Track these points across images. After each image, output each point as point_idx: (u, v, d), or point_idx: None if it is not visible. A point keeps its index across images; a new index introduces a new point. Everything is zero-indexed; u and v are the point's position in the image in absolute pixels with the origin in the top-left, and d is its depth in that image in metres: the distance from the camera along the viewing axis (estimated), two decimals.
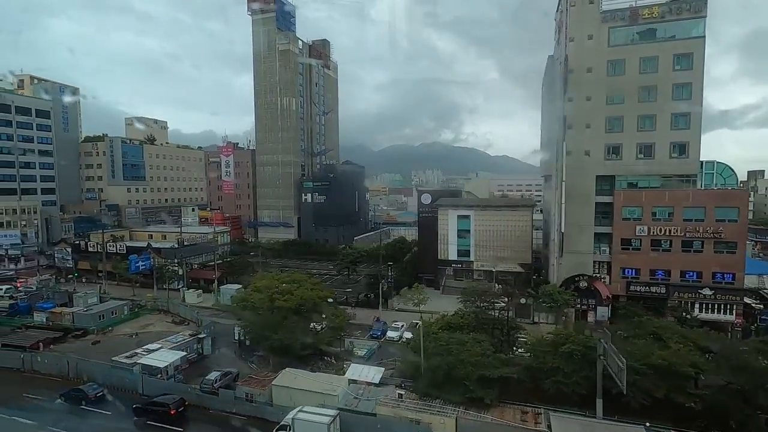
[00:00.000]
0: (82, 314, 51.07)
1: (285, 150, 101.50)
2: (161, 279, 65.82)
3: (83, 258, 77.30)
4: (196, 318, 53.46)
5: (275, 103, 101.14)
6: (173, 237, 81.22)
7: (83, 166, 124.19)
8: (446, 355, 30.03)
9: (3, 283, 77.39)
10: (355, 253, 76.08)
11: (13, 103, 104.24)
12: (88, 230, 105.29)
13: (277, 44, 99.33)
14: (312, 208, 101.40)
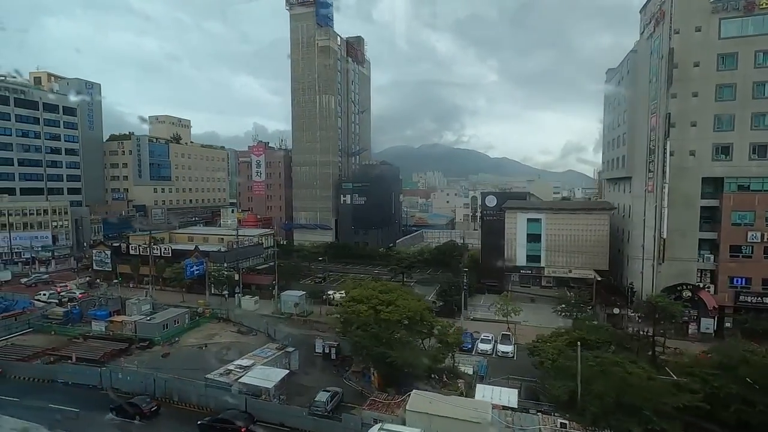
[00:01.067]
0: (146, 324, 47.47)
1: (323, 150, 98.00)
2: (217, 285, 62.28)
3: (123, 261, 73.67)
4: (264, 327, 49.97)
5: (313, 102, 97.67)
6: (215, 239, 77.78)
7: (107, 165, 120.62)
8: (606, 379, 26.59)
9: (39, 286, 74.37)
10: (411, 258, 72.56)
11: (40, 99, 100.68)
12: (118, 232, 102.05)
13: (317, 40, 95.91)
14: (351, 210, 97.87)
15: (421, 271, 76.36)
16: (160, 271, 70.17)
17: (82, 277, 75.88)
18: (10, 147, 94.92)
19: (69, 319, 51.53)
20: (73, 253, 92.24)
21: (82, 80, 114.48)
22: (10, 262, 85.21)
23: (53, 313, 51.75)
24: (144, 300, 56.24)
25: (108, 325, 48.60)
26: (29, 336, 49.45)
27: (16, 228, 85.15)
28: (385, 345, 32.50)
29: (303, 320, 54.73)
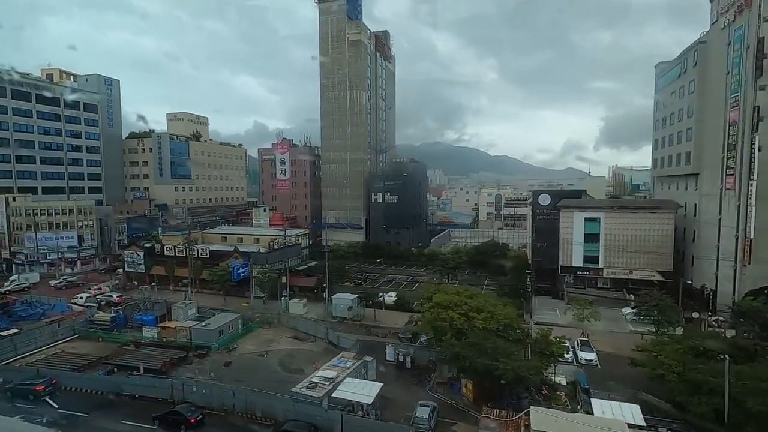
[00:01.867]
0: (202, 330, 44.84)
1: (354, 147, 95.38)
2: (262, 288, 59.70)
3: (158, 262, 71.05)
4: (324, 333, 47.37)
5: (343, 98, 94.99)
6: (250, 240, 75.20)
7: (127, 163, 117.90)
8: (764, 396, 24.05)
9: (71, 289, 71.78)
10: (456, 258, 69.98)
11: (61, 96, 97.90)
12: (142, 232, 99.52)
13: (347, 34, 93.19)
14: (383, 209, 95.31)
15: (460, 272, 73.81)
16: (197, 273, 67.66)
17: (112, 278, 73.22)
18: (32, 145, 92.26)
19: (116, 324, 48.87)
20: (98, 253, 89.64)
21: (102, 76, 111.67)
22: (35, 263, 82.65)
23: (100, 318, 49.08)
24: (189, 304, 53.65)
25: (160, 331, 45.99)
26: (75, 343, 46.90)
27: (41, 228, 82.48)
28: (489, 355, 29.92)
29: (358, 325, 52.16)
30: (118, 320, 49.23)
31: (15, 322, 53.07)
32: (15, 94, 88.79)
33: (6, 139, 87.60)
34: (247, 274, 59.55)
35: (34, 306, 58.09)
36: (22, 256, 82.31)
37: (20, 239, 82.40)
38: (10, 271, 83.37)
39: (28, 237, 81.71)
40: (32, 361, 41.71)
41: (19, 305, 59.05)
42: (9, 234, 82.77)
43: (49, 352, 44.24)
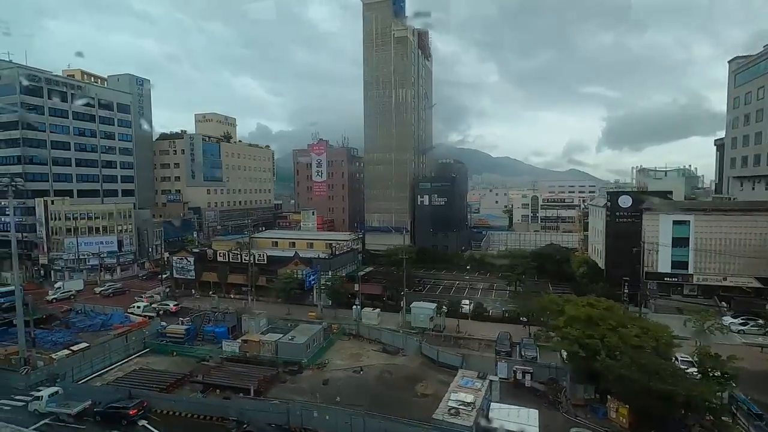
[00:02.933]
0: (289, 344, 41.36)
1: (400, 147, 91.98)
2: (332, 295, 56.25)
3: (208, 268, 67.66)
4: (415, 346, 43.81)
5: (389, 96, 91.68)
6: (303, 244, 71.87)
7: (157, 165, 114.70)
8: None
9: (117, 295, 68.57)
10: (525, 263, 66.42)
11: (96, 96, 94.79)
12: (178, 236, 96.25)
13: (393, 30, 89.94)
14: (429, 212, 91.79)
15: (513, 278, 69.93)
16: (254, 280, 64.29)
17: (163, 285, 69.81)
18: (67, 146, 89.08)
19: (189, 337, 45.43)
20: (137, 259, 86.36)
21: (133, 76, 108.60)
22: (75, 270, 79.38)
23: (173, 330, 45.60)
24: (259, 315, 50.20)
25: (241, 345, 42.50)
26: (149, 358, 43.47)
27: (80, 232, 79.25)
28: (660, 378, 26.37)
29: (443, 336, 48.65)
30: (190, 333, 45.76)
31: (74, 334, 49.85)
32: (52, 94, 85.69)
33: (42, 140, 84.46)
34: (315, 280, 55.99)
35: (91, 316, 54.79)
36: (62, 262, 79.04)
37: (59, 244, 79.18)
38: (48, 277, 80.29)
39: (68, 242, 78.46)
40: (112, 379, 38.31)
41: (73, 315, 55.84)
42: (48, 239, 79.60)
43: (125, 368, 40.86)
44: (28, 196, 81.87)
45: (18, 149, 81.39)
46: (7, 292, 63.06)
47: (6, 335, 48.27)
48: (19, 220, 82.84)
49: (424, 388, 36.55)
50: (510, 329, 48.67)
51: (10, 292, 63.07)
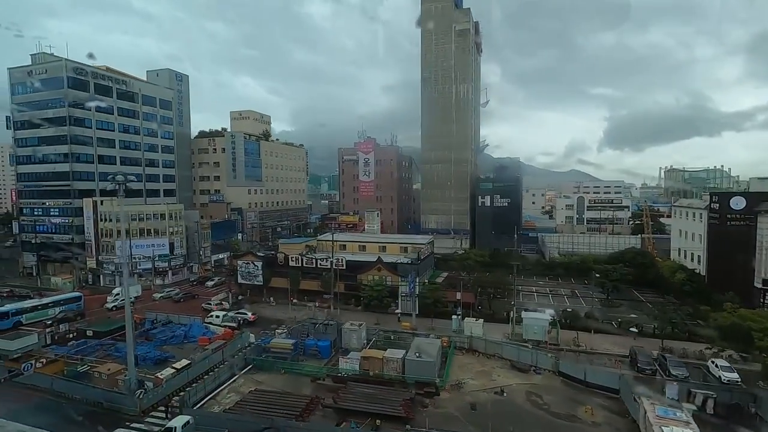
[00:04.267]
0: (417, 362, 36.98)
1: (460, 145, 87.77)
2: (431, 304, 51.93)
3: (278, 274, 63.35)
4: (552, 364, 39.44)
5: (448, 92, 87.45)
6: (374, 248, 67.62)
7: (196, 164, 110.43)
8: None
9: (186, 301, 64.38)
10: (620, 269, 62.05)
11: (139, 91, 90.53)
12: (224, 238, 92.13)
13: (454, 23, 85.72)
14: (491, 213, 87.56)
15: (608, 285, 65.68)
16: (326, 286, 60.04)
17: (230, 292, 65.50)
18: (112, 144, 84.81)
19: (296, 352, 41.08)
20: (187, 262, 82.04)
21: (173, 71, 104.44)
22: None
23: (279, 345, 41.21)
24: (358, 326, 45.87)
25: (362, 362, 38.16)
26: (255, 376, 39.07)
27: (132, 234, 74.89)
28: None
29: (564, 351, 44.36)
30: (298, 347, 41.43)
31: (157, 347, 45.54)
32: (97, 89, 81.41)
33: (88, 137, 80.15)
34: (412, 288, 51.63)
35: (171, 327, 50.46)
36: (112, 266, 74.73)
37: (109, 247, 74.89)
38: (97, 281, 76.04)
39: (119, 245, 74.07)
40: (229, 402, 33.92)
41: (148, 324, 51.52)
42: (96, 241, 75.30)
43: (236, 388, 36.53)
44: (75, 195, 77.76)
45: (65, 146, 77.05)
46: (72, 298, 58.94)
47: (82, 348, 44.06)
48: (65, 221, 78.78)
49: (589, 414, 32.25)
50: (624, 342, 44.85)
51: (74, 298, 59.10)
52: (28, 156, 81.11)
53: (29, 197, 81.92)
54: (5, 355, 38.99)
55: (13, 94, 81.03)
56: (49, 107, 77.85)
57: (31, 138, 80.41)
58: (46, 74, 77.88)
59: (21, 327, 52.23)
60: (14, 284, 75.84)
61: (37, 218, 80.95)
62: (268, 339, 42.28)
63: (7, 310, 52.70)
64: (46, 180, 79.72)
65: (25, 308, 54.22)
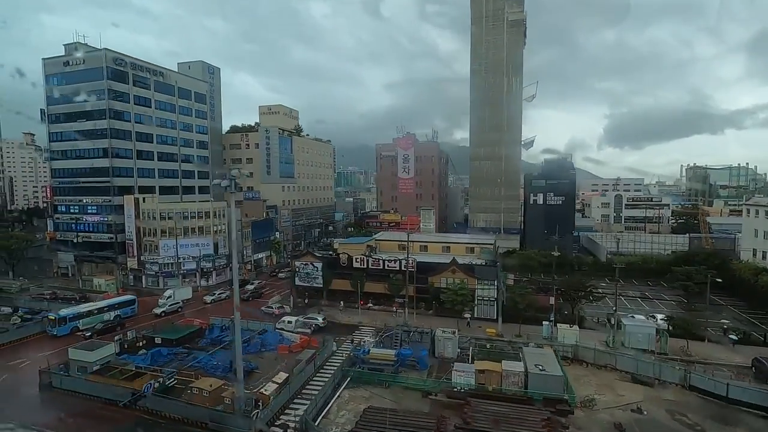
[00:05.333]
0: (543, 375, 33.65)
1: (511, 141, 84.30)
2: (524, 309, 48.61)
3: (340, 275, 59.92)
4: (681, 377, 36.13)
5: (499, 85, 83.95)
6: (437, 248, 64.27)
7: (227, 160, 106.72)
8: None
9: (249, 302, 60.74)
10: (704, 271, 58.61)
11: (176, 83, 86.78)
12: (263, 237, 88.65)
13: (507, 13, 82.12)
14: (543, 211, 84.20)
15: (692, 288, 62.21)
16: (394, 289, 56.70)
17: (294, 297, 62.18)
18: (150, 138, 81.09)
19: (399, 363, 37.70)
20: (230, 262, 78.41)
21: (206, 63, 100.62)
22: (170, 275, 71.63)
23: (380, 356, 37.79)
24: (456, 334, 42.53)
25: (477, 375, 34.79)
26: (357, 391, 35.63)
27: (175, 234, 71.40)
28: None
29: (666, 359, 41.04)
30: (401, 358, 38.04)
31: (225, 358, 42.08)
32: (136, 81, 77.64)
33: (127, 131, 76.44)
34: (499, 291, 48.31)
35: (242, 334, 46.87)
36: (156, 267, 71.19)
37: (152, 247, 71.34)
38: (139, 282, 72.52)
39: (164, 244, 70.61)
40: (345, 423, 30.53)
41: (216, 331, 48.06)
42: (139, 241, 71.74)
43: (343, 405, 33.14)
44: (114, 193, 74.11)
45: (104, 140, 73.33)
46: (126, 302, 55.48)
47: (158, 359, 40.61)
48: (103, 219, 75.20)
49: None
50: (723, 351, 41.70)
51: (128, 302, 55.67)
52: (63, 151, 77.40)
53: (64, 194, 78.24)
54: (83, 368, 35.63)
55: (48, 85, 77.25)
56: (87, 99, 74.08)
57: (66, 132, 76.62)
58: (83, 65, 74.08)
59: (77, 332, 48.97)
60: (53, 285, 72.40)
61: (73, 216, 77.38)
62: (365, 349, 38.77)
63: (65, 315, 49.21)
64: (83, 176, 76.05)
65: (81, 313, 50.75)
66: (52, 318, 48.83)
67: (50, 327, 48.57)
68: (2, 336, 46.10)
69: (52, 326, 48.44)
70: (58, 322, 48.37)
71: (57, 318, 48.60)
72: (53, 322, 48.52)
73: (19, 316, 54.49)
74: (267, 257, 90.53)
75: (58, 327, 48.30)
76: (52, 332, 48.16)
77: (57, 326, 48.28)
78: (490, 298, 52.97)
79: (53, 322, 48.54)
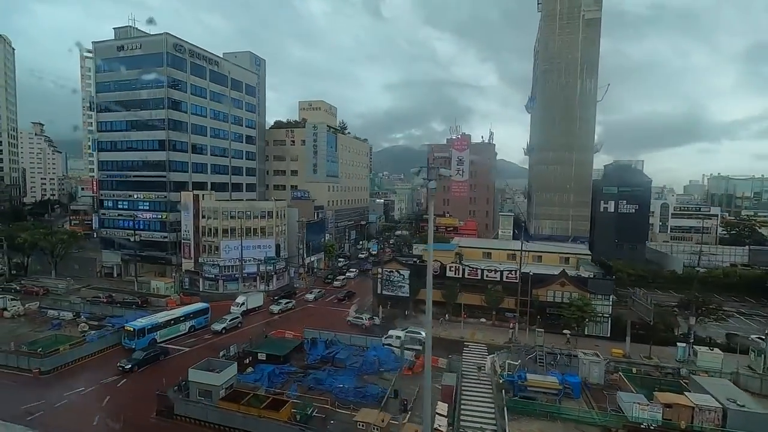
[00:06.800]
0: (742, 412, 29.42)
1: (582, 146, 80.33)
2: (662, 330, 44.49)
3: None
4: None
5: (571, 86, 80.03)
6: (529, 257, 59.87)
7: (270, 157, 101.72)
8: None
9: (333, 308, 56.01)
10: None
11: (229, 74, 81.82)
12: (316, 239, 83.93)
13: (583, 11, 78.30)
14: (615, 220, 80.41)
15: None
16: (492, 302, 52.42)
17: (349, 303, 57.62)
18: (204, 131, 76.09)
19: (563, 393, 33.28)
20: (288, 266, 73.63)
21: (253, 54, 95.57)
22: (230, 279, 66.61)
23: (542, 384, 33.31)
24: (601, 357, 38.29)
25: (665, 410, 30.49)
26: (521, 423, 31.20)
27: (237, 234, 66.43)
28: None
29: None
30: (573, 385, 33.60)
31: (356, 377, 37.51)
32: (193, 69, 72.62)
33: (183, 122, 71.34)
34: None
35: (347, 349, 42.29)
36: (215, 269, 66.08)
37: (212, 248, 66.25)
38: (194, 286, 67.32)
39: (225, 245, 65.58)
40: None
41: (320, 347, 43.25)
42: (197, 241, 66.62)
43: None
44: (171, 189, 69.01)
45: (161, 132, 68.21)
46: (200, 311, 50.23)
47: (274, 380, 35.86)
48: (156, 216, 70.11)
49: None
50: None
51: (202, 311, 50.42)
52: (113, 142, 72.11)
53: (112, 188, 72.91)
54: (206, 392, 30.78)
55: (98, 71, 72.00)
56: (143, 87, 68.95)
57: (117, 122, 71.42)
58: (140, 50, 68.93)
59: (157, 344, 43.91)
60: (103, 287, 67.01)
61: (121, 212, 72.09)
62: (520, 374, 34.26)
63: (143, 326, 43.98)
64: (135, 169, 70.84)
65: (159, 323, 45.51)
66: (130, 329, 43.41)
67: (128, 340, 43.31)
68: (83, 348, 41.00)
69: (131, 338, 43.16)
70: (137, 334, 43.12)
71: (135, 330, 43.30)
72: (131, 334, 43.17)
73: (86, 322, 49.29)
74: (321, 261, 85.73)
75: (138, 339, 43.06)
76: (130, 345, 42.87)
77: (136, 338, 43.03)
78: (604, 314, 48.86)
79: (131, 333, 43.18)
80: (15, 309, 52.95)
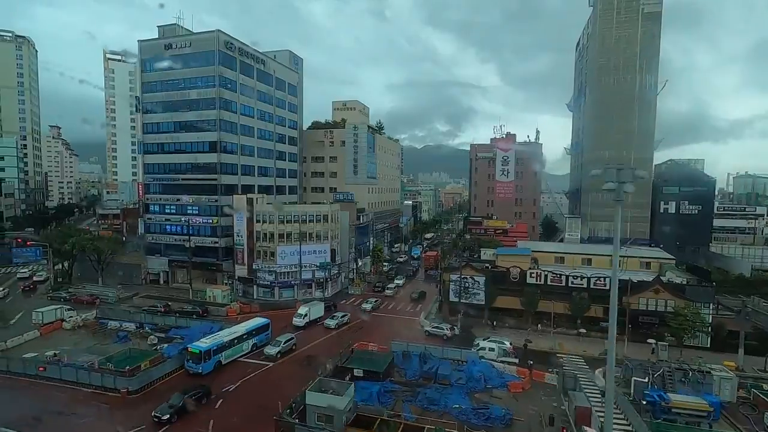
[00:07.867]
0: None
1: (641, 145, 77.36)
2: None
3: (507, 292, 52.63)
4: None
5: (630, 82, 77.06)
6: (603, 261, 57.10)
7: (308, 158, 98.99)
8: None
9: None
10: None
11: (274, 73, 79.25)
12: (362, 243, 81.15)
13: (642, 4, 75.37)
14: (676, 221, 77.31)
15: None
16: (579, 311, 49.50)
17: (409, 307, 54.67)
18: (252, 132, 73.49)
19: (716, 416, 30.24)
20: (340, 272, 70.85)
21: (292, 53, 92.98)
22: (286, 286, 63.92)
23: (687, 404, 30.30)
24: (731, 373, 35.28)
25: None
26: None
27: (293, 239, 63.74)
28: None
29: None
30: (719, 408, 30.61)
31: (468, 394, 34.61)
32: (242, 68, 70.03)
33: (233, 123, 68.75)
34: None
35: (445, 364, 39.30)
36: (271, 276, 63.37)
37: (267, 254, 63.54)
38: (248, 294, 64.60)
39: (281, 250, 62.87)
40: None
41: (415, 361, 40.28)
42: (251, 246, 63.95)
43: None
44: (221, 192, 66.41)
45: (213, 134, 65.60)
46: (262, 327, 46.32)
47: (385, 401, 32.97)
48: (206, 221, 67.48)
49: None
50: None
51: (263, 327, 46.53)
52: (159, 144, 69.55)
53: (158, 192, 70.33)
54: (328, 416, 27.99)
55: (144, 71, 69.46)
56: (192, 87, 66.41)
57: (165, 123, 68.84)
58: (189, 48, 66.32)
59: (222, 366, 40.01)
60: (154, 295, 64.41)
61: (168, 217, 69.53)
62: (661, 393, 31.30)
63: (209, 347, 39.31)
64: (183, 172, 68.27)
65: (224, 343, 40.97)
66: (195, 352, 38.58)
67: (193, 363, 38.50)
68: (166, 364, 38.17)
69: (197, 362, 38.38)
70: (203, 357, 38.50)
71: (202, 352, 38.48)
72: (197, 357, 38.37)
73: (154, 335, 46.61)
74: (368, 265, 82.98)
75: (204, 363, 38.52)
76: (196, 370, 38.22)
77: (203, 362, 38.46)
78: (705, 323, 45.82)
79: (197, 356, 38.37)
80: (74, 320, 50.35)
